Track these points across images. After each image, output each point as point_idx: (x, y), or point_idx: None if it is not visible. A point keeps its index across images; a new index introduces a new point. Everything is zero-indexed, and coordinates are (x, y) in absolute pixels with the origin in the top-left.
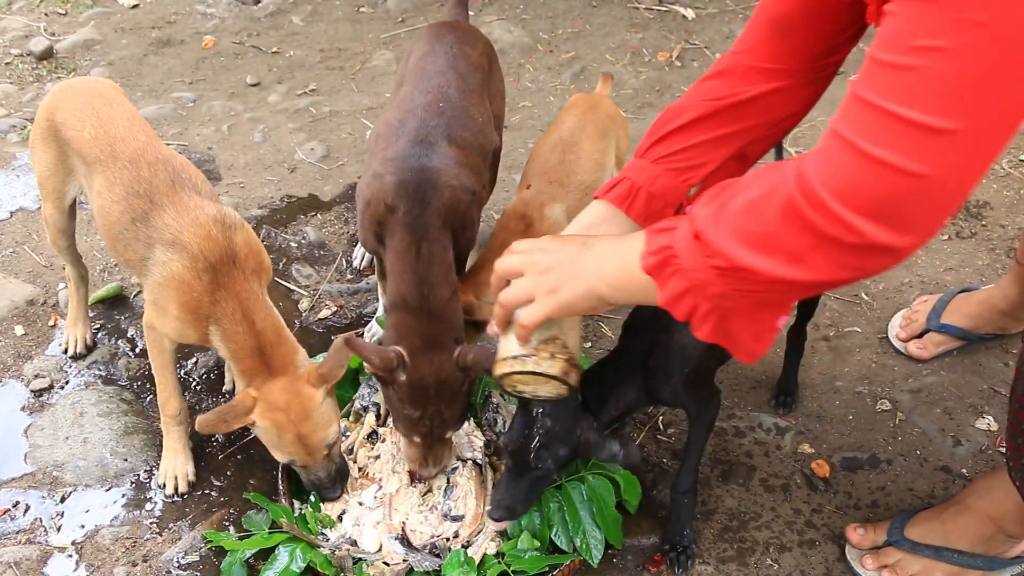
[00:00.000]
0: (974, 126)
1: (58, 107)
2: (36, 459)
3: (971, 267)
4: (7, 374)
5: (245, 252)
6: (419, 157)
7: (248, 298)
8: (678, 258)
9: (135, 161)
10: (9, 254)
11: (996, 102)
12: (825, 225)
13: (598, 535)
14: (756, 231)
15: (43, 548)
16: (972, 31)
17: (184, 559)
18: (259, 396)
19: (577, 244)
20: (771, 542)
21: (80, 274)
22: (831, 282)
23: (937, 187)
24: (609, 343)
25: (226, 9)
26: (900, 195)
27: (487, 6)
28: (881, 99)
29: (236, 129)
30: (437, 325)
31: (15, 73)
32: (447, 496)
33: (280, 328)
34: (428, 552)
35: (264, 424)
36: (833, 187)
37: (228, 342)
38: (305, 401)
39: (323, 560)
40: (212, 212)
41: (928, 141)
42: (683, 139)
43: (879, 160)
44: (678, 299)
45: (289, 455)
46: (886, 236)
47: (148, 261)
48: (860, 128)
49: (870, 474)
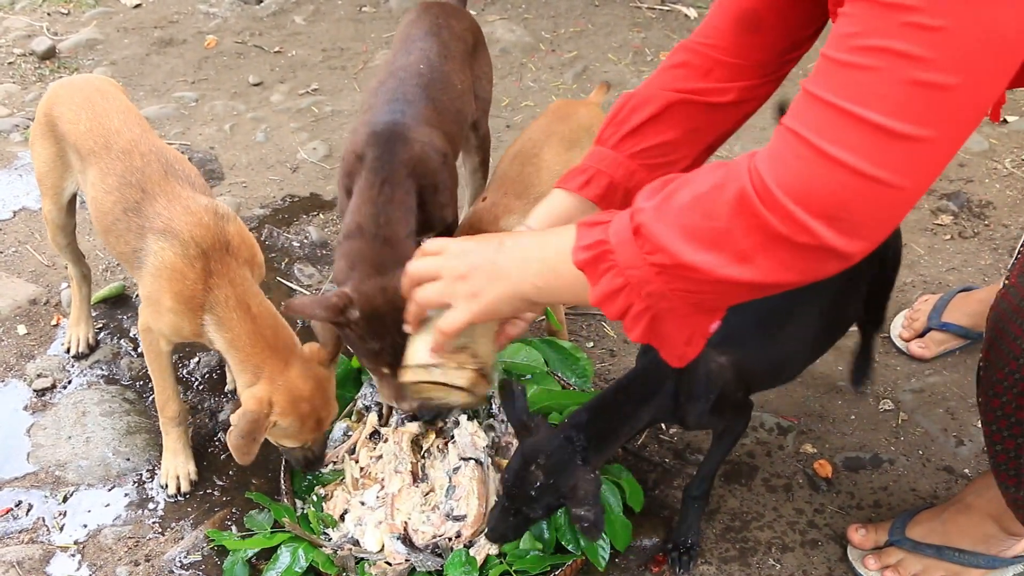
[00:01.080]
0: (938, 132)
1: (56, 101)
2: (38, 458)
3: (974, 267)
4: (10, 373)
5: (238, 241)
6: (392, 112)
7: (242, 284)
8: (614, 253)
9: (128, 152)
10: (12, 253)
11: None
12: (777, 223)
13: (604, 538)
14: (703, 226)
15: (45, 547)
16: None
17: (186, 559)
18: (277, 391)
19: (495, 243)
20: (773, 542)
21: (82, 273)
22: (774, 284)
23: (897, 194)
24: (612, 343)
25: (228, 9)
26: (856, 199)
27: (489, 5)
28: (837, 97)
29: (238, 129)
30: (391, 252)
31: (18, 73)
32: (449, 496)
33: (276, 315)
34: (430, 552)
35: (289, 420)
36: (787, 184)
37: (223, 330)
38: (325, 385)
39: (325, 560)
40: (204, 202)
41: (886, 144)
42: (656, 133)
43: (835, 159)
44: (611, 297)
45: (304, 441)
46: (838, 240)
47: (141, 252)
48: (815, 126)
49: (872, 474)
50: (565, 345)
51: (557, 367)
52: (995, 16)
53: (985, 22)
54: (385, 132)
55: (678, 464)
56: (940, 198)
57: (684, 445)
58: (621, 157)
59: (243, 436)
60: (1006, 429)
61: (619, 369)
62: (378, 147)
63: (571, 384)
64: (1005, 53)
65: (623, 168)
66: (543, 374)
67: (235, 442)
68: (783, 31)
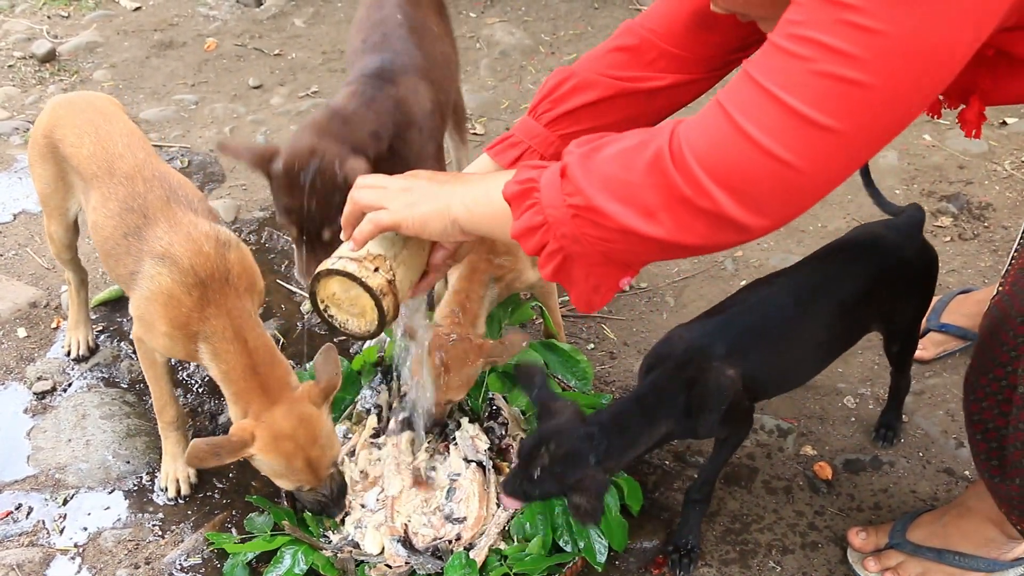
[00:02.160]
0: (853, 127)
1: (57, 123)
2: (38, 461)
3: (974, 268)
4: (10, 376)
5: (238, 270)
6: (383, 61)
7: (240, 316)
8: (539, 192)
9: (131, 177)
10: (12, 256)
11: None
12: (682, 184)
13: (602, 539)
14: (619, 178)
15: (45, 550)
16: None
17: (186, 561)
18: (260, 427)
19: (440, 177)
20: (773, 544)
21: (80, 278)
22: (675, 244)
23: (801, 178)
24: (612, 345)
25: (228, 11)
26: (761, 176)
27: (489, 8)
28: (765, 79)
29: (238, 131)
30: (346, 130)
31: (18, 76)
32: (450, 498)
33: (273, 350)
34: (430, 555)
35: (271, 457)
36: (699, 151)
37: (219, 361)
38: (312, 424)
39: (325, 562)
40: (205, 229)
41: (803, 132)
42: (591, 119)
43: (750, 137)
44: (530, 232)
45: (298, 482)
46: (738, 212)
47: (137, 275)
48: (740, 103)
49: (872, 476)
50: (565, 347)
51: (557, 369)
52: (931, 31)
53: (920, 35)
54: (374, 72)
55: (678, 466)
56: (940, 200)
57: (684, 447)
58: (552, 136)
59: (210, 446)
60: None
61: (619, 371)
62: (364, 83)
63: (571, 386)
64: (932, 69)
65: (553, 148)
66: None
67: (198, 445)
68: (736, 33)
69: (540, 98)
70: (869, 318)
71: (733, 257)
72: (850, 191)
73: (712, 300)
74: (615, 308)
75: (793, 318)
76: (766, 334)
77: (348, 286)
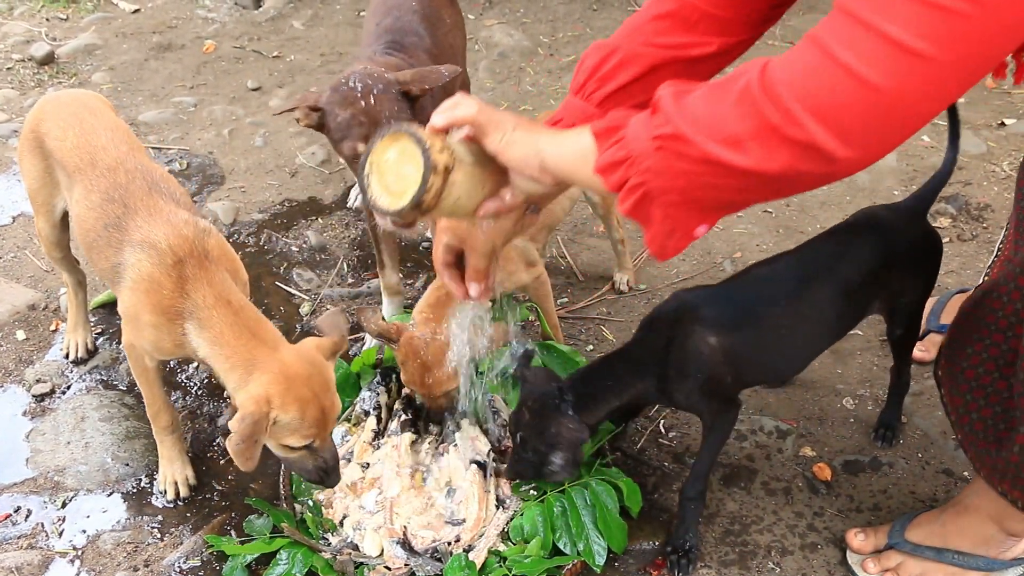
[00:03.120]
0: (947, 56)
1: (43, 118)
2: (37, 464)
3: (972, 269)
4: (9, 379)
5: (218, 253)
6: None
7: (221, 284)
8: (626, 128)
9: (113, 169)
10: (11, 259)
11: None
12: (771, 112)
13: (601, 540)
14: (707, 110)
15: (44, 553)
16: None
17: (185, 564)
18: (270, 379)
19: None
20: (772, 546)
21: (77, 280)
22: (762, 173)
23: (892, 105)
24: (610, 346)
25: (227, 14)
26: (852, 103)
27: (488, 9)
28: (861, 9)
29: (237, 133)
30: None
31: (16, 78)
32: (449, 499)
33: (259, 313)
34: (430, 556)
35: (289, 412)
36: (790, 80)
37: (204, 330)
38: (323, 369)
39: (324, 564)
40: (185, 216)
41: (896, 57)
42: (643, 91)
43: (844, 64)
44: (613, 168)
45: (310, 436)
46: (827, 140)
47: (120, 267)
48: (834, 33)
49: (872, 477)
50: (564, 349)
51: (556, 370)
52: None
53: None
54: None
55: (677, 468)
56: (939, 200)
57: (683, 449)
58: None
59: (244, 440)
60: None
61: None
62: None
63: None
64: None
65: None
66: None
67: (235, 447)
68: None
69: (586, 77)
70: (870, 298)
71: (732, 259)
72: (849, 192)
73: None
74: (614, 310)
75: (792, 296)
76: (760, 310)
77: (407, 158)
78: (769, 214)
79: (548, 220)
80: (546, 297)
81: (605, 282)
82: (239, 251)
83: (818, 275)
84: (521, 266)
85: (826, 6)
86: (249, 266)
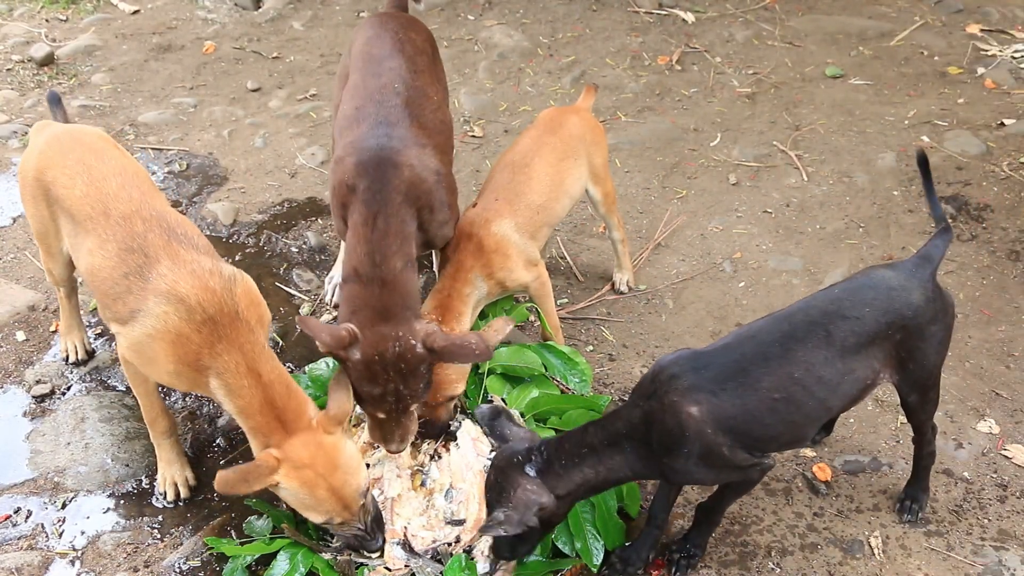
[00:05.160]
0: None
1: (48, 165)
2: (37, 465)
3: (972, 269)
4: (9, 380)
5: (246, 303)
6: (378, 138)
7: (253, 350)
8: None
9: (129, 218)
10: (10, 260)
11: None
12: None
13: (599, 540)
14: None
15: (44, 554)
16: None
17: (185, 565)
18: (283, 456)
19: None
20: (773, 546)
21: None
22: None
23: None
24: (610, 347)
25: (227, 15)
26: None
27: (487, 10)
28: None
29: (237, 134)
30: (390, 296)
31: (16, 79)
32: (449, 499)
33: (288, 381)
34: (430, 557)
35: (292, 484)
36: None
37: (234, 397)
38: (329, 452)
39: (325, 565)
40: (209, 265)
41: None
42: None
43: None
44: None
45: (326, 513)
46: None
47: (139, 313)
48: None
49: (872, 477)
50: (564, 350)
51: (556, 371)
52: None
53: None
54: (373, 160)
55: None
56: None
57: None
58: None
59: (239, 473)
60: None
61: (618, 373)
62: (368, 176)
63: (570, 388)
64: None
65: None
66: (542, 378)
67: (228, 474)
68: None
69: None
70: (874, 368)
71: (732, 259)
72: (849, 192)
73: (711, 302)
74: (614, 310)
75: (778, 359)
76: (737, 372)
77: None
78: (769, 214)
79: (548, 219)
80: (546, 297)
81: (605, 282)
82: (239, 251)
83: (808, 340)
84: (521, 265)
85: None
86: (249, 266)
